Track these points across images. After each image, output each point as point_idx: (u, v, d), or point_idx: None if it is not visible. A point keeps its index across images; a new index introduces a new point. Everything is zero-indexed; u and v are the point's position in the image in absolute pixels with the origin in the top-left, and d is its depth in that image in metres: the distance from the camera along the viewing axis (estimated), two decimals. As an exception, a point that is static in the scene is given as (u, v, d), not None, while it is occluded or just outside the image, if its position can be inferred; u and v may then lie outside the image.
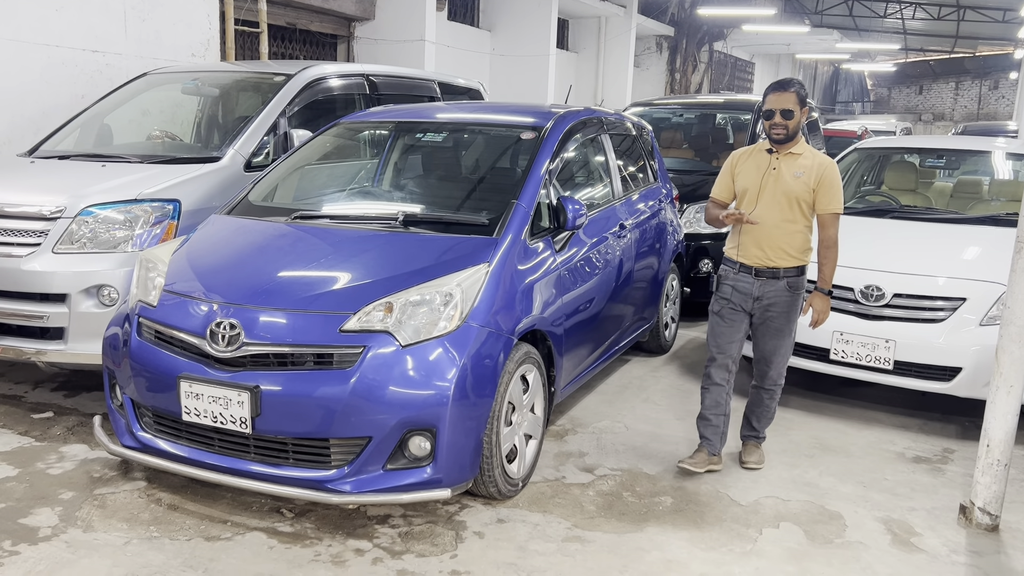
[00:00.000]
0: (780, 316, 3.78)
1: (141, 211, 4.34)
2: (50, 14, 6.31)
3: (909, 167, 6.42)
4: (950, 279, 4.51)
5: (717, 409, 3.89)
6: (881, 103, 39.02)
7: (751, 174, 3.77)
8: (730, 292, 3.82)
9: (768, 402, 3.96)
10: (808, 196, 3.68)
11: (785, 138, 3.66)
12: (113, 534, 3.16)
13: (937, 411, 4.85)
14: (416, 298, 3.22)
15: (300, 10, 10.44)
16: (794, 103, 3.63)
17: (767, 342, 3.85)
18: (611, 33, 17.57)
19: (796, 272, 3.75)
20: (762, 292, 3.75)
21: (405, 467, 3.13)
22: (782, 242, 3.70)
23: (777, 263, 3.72)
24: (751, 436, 4.06)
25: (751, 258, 3.76)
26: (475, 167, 4.61)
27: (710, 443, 3.90)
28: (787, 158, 3.70)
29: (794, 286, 3.76)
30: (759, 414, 4.00)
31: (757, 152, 3.81)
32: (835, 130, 14.22)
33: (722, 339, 3.85)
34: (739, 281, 3.79)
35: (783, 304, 3.77)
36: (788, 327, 3.82)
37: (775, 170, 3.71)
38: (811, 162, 3.69)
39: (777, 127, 3.66)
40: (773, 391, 3.95)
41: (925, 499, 3.74)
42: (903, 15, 24.83)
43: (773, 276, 3.73)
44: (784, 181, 3.68)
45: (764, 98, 3.73)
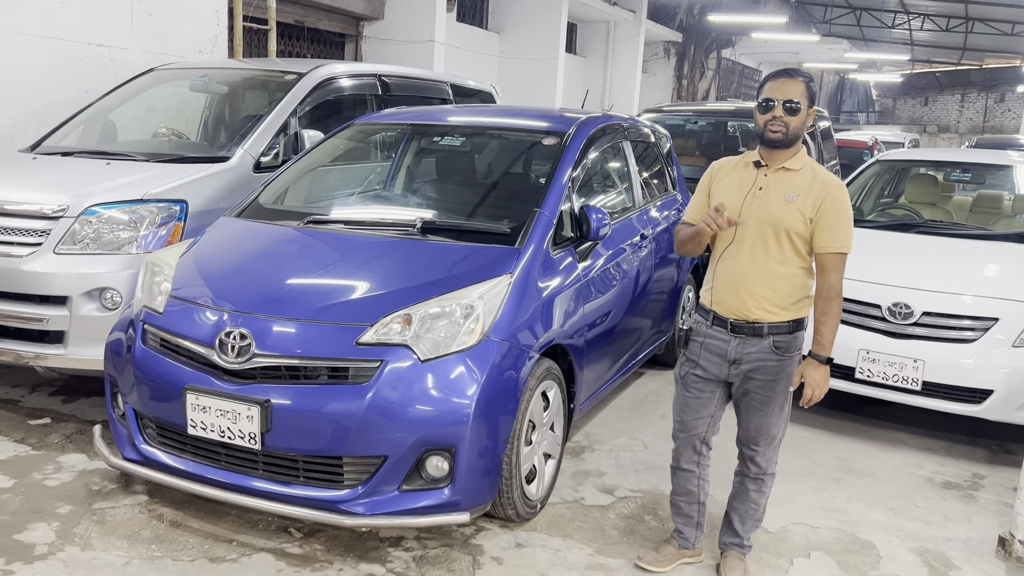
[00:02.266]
0: (764, 387, 2.87)
1: (147, 211, 4.18)
2: (56, 7, 6.15)
3: (930, 180, 6.28)
4: (982, 298, 4.36)
5: (689, 497, 3.10)
6: (886, 114, 38.94)
7: (730, 193, 2.85)
8: (698, 352, 2.93)
9: (755, 496, 3.04)
10: (803, 227, 2.75)
11: (783, 141, 2.75)
12: (113, 553, 3.00)
13: (962, 433, 4.70)
14: (436, 310, 3.06)
15: (309, 8, 10.30)
16: (802, 95, 2.74)
17: (750, 419, 2.95)
18: (620, 38, 17.45)
19: (787, 328, 2.84)
20: (740, 354, 2.85)
21: (422, 488, 2.97)
22: (766, 288, 2.79)
23: (759, 316, 2.81)
24: (733, 544, 3.11)
25: (725, 307, 2.85)
26: (495, 173, 4.46)
27: (681, 536, 3.14)
28: (778, 175, 2.80)
29: (783, 347, 2.84)
30: (743, 512, 3.07)
31: (742, 166, 2.90)
32: (846, 140, 14.09)
33: (687, 414, 3.00)
34: (711, 338, 2.90)
35: (769, 371, 2.85)
36: (776, 400, 2.88)
37: (761, 190, 2.79)
38: (809, 182, 2.77)
39: (776, 123, 2.73)
40: (761, 482, 3.02)
41: (959, 528, 3.59)
42: (911, 26, 24.73)
43: (754, 333, 2.82)
44: (771, 206, 2.77)
45: (761, 86, 2.82)
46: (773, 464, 3.03)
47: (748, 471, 3.04)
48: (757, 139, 2.86)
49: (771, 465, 3.03)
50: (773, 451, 3.01)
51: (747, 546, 3.14)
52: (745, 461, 3.05)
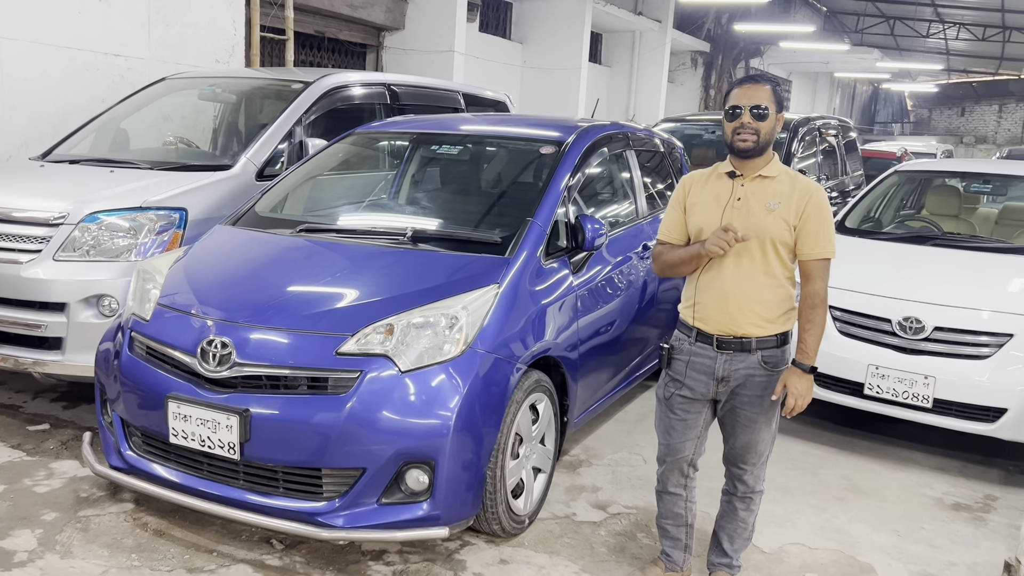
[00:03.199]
0: (753, 402, 2.79)
1: (146, 219, 4.19)
2: (73, 17, 6.24)
3: (952, 192, 6.12)
4: (997, 313, 4.21)
5: (676, 520, 3.00)
6: (921, 124, 38.31)
7: (708, 208, 2.76)
8: (683, 372, 2.82)
9: (743, 515, 2.95)
10: (787, 235, 2.68)
11: (754, 148, 2.66)
12: (92, 561, 2.99)
13: (977, 453, 4.54)
14: (419, 320, 3.02)
15: (329, 18, 10.36)
16: (769, 99, 2.65)
17: (738, 437, 2.86)
18: (645, 48, 17.35)
19: (775, 342, 2.76)
20: (728, 371, 2.76)
21: (401, 502, 2.91)
22: (754, 302, 2.71)
23: (747, 331, 2.73)
24: (721, 565, 3.03)
25: (712, 323, 2.76)
26: (491, 182, 4.41)
27: (669, 559, 3.04)
28: (755, 184, 2.72)
29: (772, 362, 2.76)
30: (731, 532, 2.99)
31: (715, 178, 2.80)
32: (873, 151, 13.86)
33: (673, 436, 2.89)
34: (696, 356, 2.80)
35: (757, 386, 2.77)
36: (765, 417, 2.81)
37: (740, 201, 2.71)
38: (789, 188, 2.70)
39: (744, 131, 2.64)
40: (749, 500, 2.93)
41: (965, 552, 3.45)
42: (946, 35, 24.32)
43: (742, 348, 2.74)
44: (754, 217, 2.68)
45: (726, 96, 2.74)
46: (761, 482, 2.95)
47: (736, 490, 2.95)
48: (727, 149, 2.76)
49: (759, 483, 2.94)
50: (761, 468, 2.92)
51: (736, 566, 3.05)
52: (733, 480, 2.95)
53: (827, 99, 29.68)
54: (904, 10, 22.65)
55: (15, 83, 5.93)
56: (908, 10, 22.55)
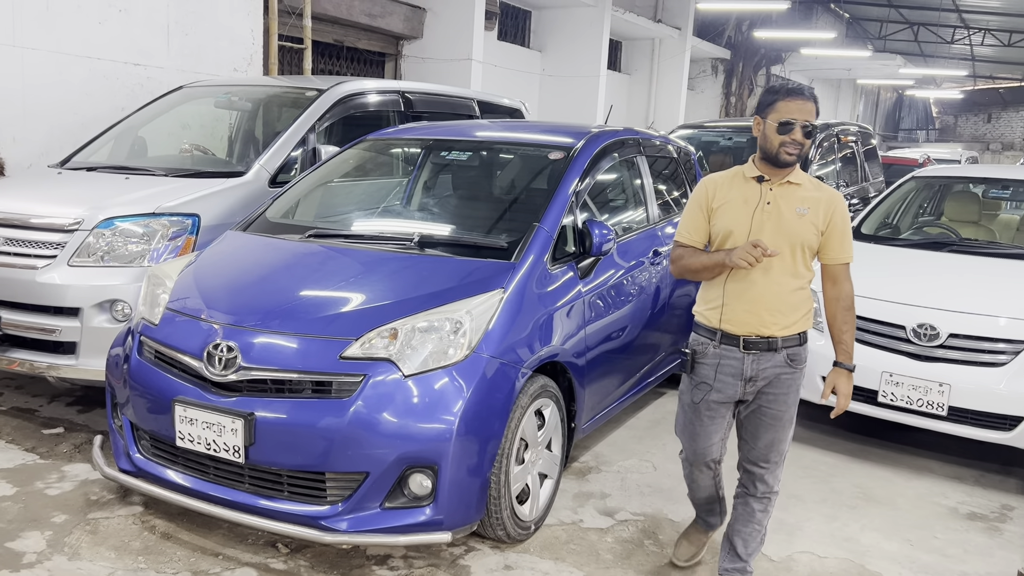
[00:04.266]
0: (777, 401, 2.83)
1: (159, 225, 4.24)
2: (93, 27, 6.33)
3: (971, 198, 6.04)
4: (1014, 320, 4.15)
5: (709, 500, 3.15)
6: (947, 131, 37.89)
7: (736, 210, 2.79)
8: (712, 375, 2.83)
9: (760, 516, 2.96)
10: (815, 240, 2.77)
11: (796, 162, 2.75)
12: (99, 563, 3.01)
13: (995, 461, 4.47)
14: (423, 324, 3.02)
15: (348, 27, 10.44)
16: (815, 118, 2.73)
17: (761, 436, 2.88)
18: (665, 55, 17.31)
19: (797, 341, 2.82)
20: (756, 371, 2.79)
21: (404, 506, 2.92)
22: (783, 304, 2.76)
23: (773, 331, 2.77)
24: (735, 571, 2.99)
25: (739, 325, 2.78)
26: (500, 188, 4.41)
27: (706, 523, 3.24)
28: (784, 189, 2.77)
29: (795, 359, 2.82)
30: (746, 535, 2.97)
31: (740, 180, 2.83)
32: (895, 157, 13.73)
33: (699, 441, 2.94)
34: (724, 358, 2.81)
35: (783, 383, 2.82)
36: (787, 414, 2.86)
37: (770, 205, 2.75)
38: (816, 195, 2.78)
39: (792, 145, 2.69)
40: (767, 501, 2.95)
41: (979, 563, 3.39)
42: (971, 41, 24.04)
43: (769, 348, 2.78)
44: (785, 221, 2.74)
45: (772, 104, 2.73)
46: (778, 482, 2.97)
47: (755, 491, 2.95)
48: (760, 153, 2.79)
49: (777, 483, 2.96)
50: (780, 468, 2.96)
51: (749, 572, 3.02)
52: (752, 481, 2.96)
53: (850, 106, 29.45)
54: (928, 16, 22.41)
55: (36, 92, 6.03)
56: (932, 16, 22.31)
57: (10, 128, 5.92)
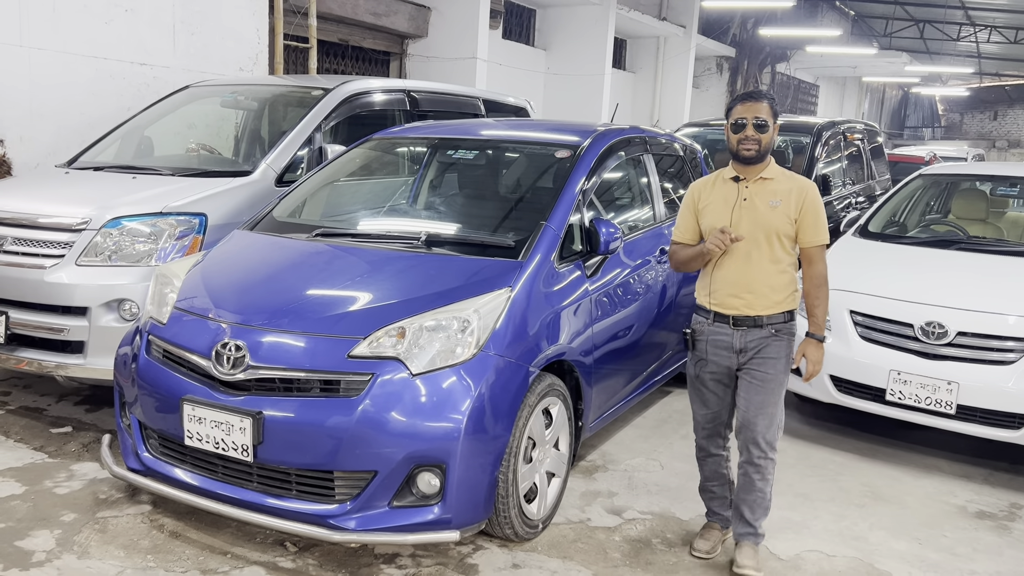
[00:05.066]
0: (765, 364, 3.10)
1: (166, 224, 4.25)
2: (99, 27, 6.35)
3: (979, 195, 6.02)
4: (1022, 318, 4.14)
5: (720, 479, 3.35)
6: (953, 129, 37.77)
7: (718, 209, 3.12)
8: (706, 350, 3.19)
9: (760, 484, 3.14)
10: (789, 228, 3.06)
11: (757, 156, 3.03)
12: (108, 562, 3.02)
13: (1004, 460, 4.45)
14: (431, 323, 3.02)
15: (353, 27, 10.44)
16: (768, 114, 3.03)
17: (751, 398, 3.11)
18: (670, 53, 17.28)
19: (783, 319, 3.11)
20: (744, 343, 3.10)
21: (412, 505, 2.92)
22: (764, 287, 3.07)
23: (759, 311, 3.08)
24: (747, 534, 3.20)
25: (728, 306, 3.11)
26: (507, 186, 4.41)
27: (719, 517, 3.38)
28: (758, 185, 3.09)
29: (781, 331, 3.12)
30: (751, 502, 3.17)
31: (721, 182, 3.17)
32: (901, 155, 13.69)
33: (711, 406, 3.25)
34: (716, 334, 3.15)
35: (770, 350, 3.10)
36: (776, 378, 3.10)
37: (746, 201, 3.08)
38: (787, 186, 3.08)
39: (748, 141, 3.01)
40: (762, 468, 3.13)
41: (988, 562, 3.38)
42: (977, 38, 23.95)
43: (755, 325, 3.09)
44: (760, 214, 3.05)
45: (729, 110, 3.12)
46: (773, 448, 3.15)
47: (751, 456, 3.14)
48: (731, 157, 3.15)
49: (771, 449, 3.14)
50: (773, 433, 3.13)
51: (760, 534, 3.22)
52: (748, 447, 3.15)
53: (855, 104, 29.36)
54: (934, 13, 22.35)
55: (43, 92, 6.04)
56: (938, 13, 22.25)
57: (17, 128, 5.94)
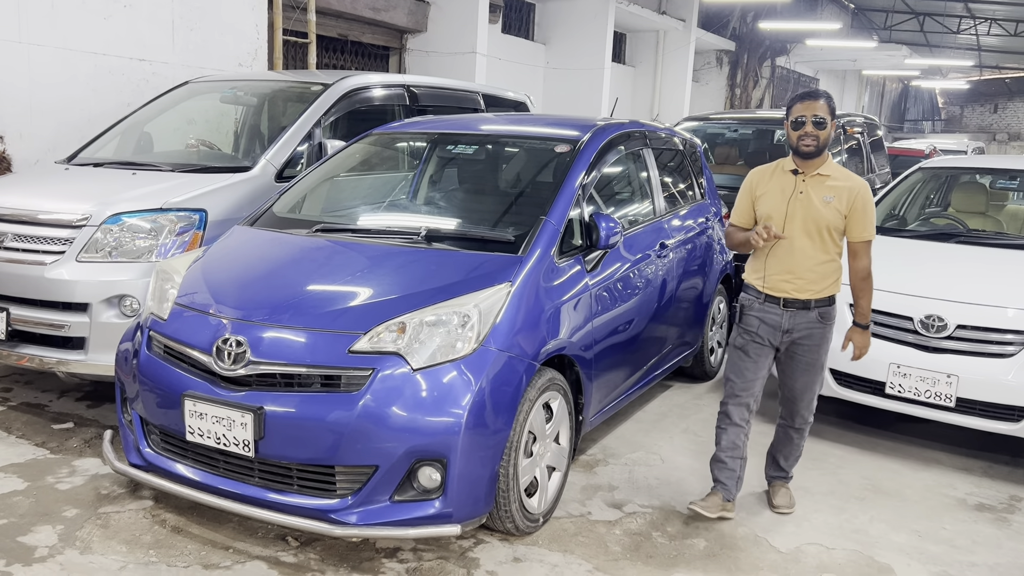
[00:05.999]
0: (812, 350, 3.47)
1: (167, 220, 4.25)
2: (98, 23, 6.34)
3: (978, 188, 6.02)
4: (1021, 311, 4.14)
5: (734, 452, 3.54)
6: (953, 122, 37.73)
7: (775, 198, 3.40)
8: (757, 325, 3.47)
9: (798, 441, 3.67)
10: (840, 223, 3.35)
11: (815, 151, 3.30)
12: (110, 557, 3.03)
13: (1004, 453, 4.46)
14: (432, 318, 3.03)
15: (352, 22, 10.43)
16: (826, 112, 3.29)
17: (797, 378, 3.53)
18: (669, 47, 17.25)
19: (827, 302, 3.44)
20: (792, 324, 3.43)
21: (413, 499, 2.93)
22: (813, 273, 3.38)
23: (809, 295, 3.40)
24: (779, 476, 3.72)
25: (779, 290, 3.42)
26: (507, 181, 4.41)
27: (725, 488, 3.54)
28: (815, 180, 3.36)
29: (826, 316, 3.45)
30: (787, 453, 3.70)
31: (780, 172, 3.44)
32: (901, 148, 13.67)
33: (746, 376, 3.50)
34: (766, 313, 3.46)
35: (816, 336, 3.45)
36: (819, 361, 3.51)
37: (802, 194, 3.35)
38: (842, 184, 3.35)
39: (807, 138, 3.28)
40: (803, 429, 3.65)
41: (987, 554, 3.39)
42: (977, 31, 23.91)
43: (804, 307, 3.42)
44: (814, 208, 3.33)
45: (789, 108, 3.36)
46: (812, 415, 3.64)
47: (793, 422, 3.63)
48: (791, 152, 3.41)
49: (811, 416, 3.63)
50: (814, 404, 3.61)
51: (790, 476, 3.74)
52: (791, 415, 3.63)
53: (855, 97, 29.32)
54: (934, 6, 22.31)
55: (42, 88, 6.04)
56: (938, 6, 22.21)
57: (17, 124, 5.94)
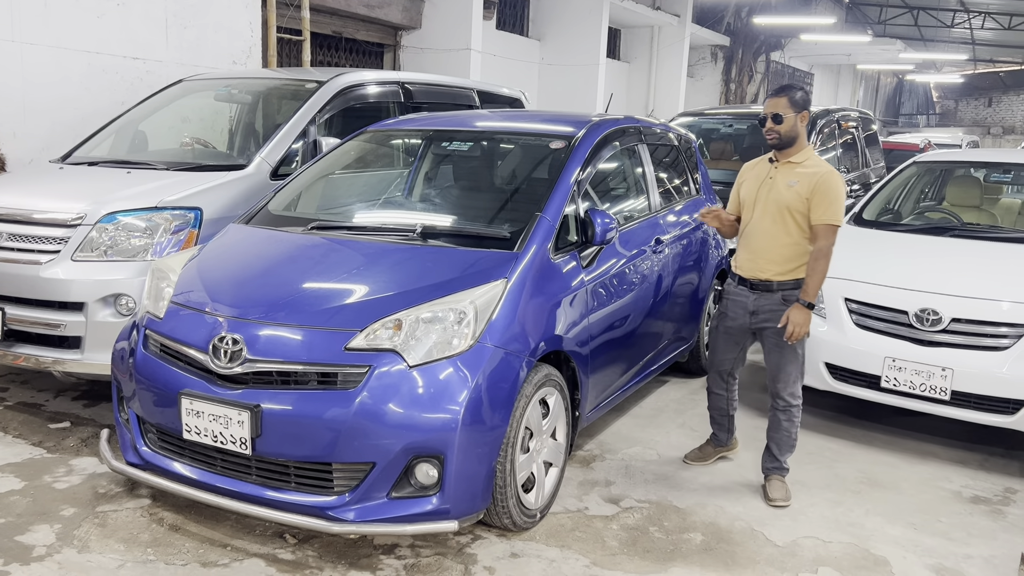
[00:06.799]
0: (777, 332, 3.62)
1: (162, 219, 4.25)
2: (91, 21, 6.33)
3: (973, 182, 6.03)
4: (1016, 304, 4.16)
5: (720, 412, 4.01)
6: (947, 116, 37.78)
7: (750, 185, 3.72)
8: (728, 305, 3.79)
9: (785, 424, 3.74)
10: (801, 206, 3.53)
11: (779, 143, 3.58)
12: (108, 556, 3.03)
13: (1000, 445, 4.48)
14: (427, 315, 3.03)
15: (346, 19, 10.41)
16: (785, 107, 3.53)
17: (770, 357, 3.72)
18: (664, 42, 17.26)
19: (792, 285, 3.60)
20: (757, 306, 3.66)
21: (411, 496, 2.93)
22: (774, 254, 3.59)
23: (770, 276, 3.61)
24: (773, 468, 3.81)
25: (745, 270, 3.70)
26: (502, 178, 4.41)
27: (716, 438, 4.07)
28: (785, 167, 3.61)
29: (789, 300, 3.60)
30: (778, 440, 3.78)
31: (761, 162, 3.76)
32: (896, 143, 13.71)
33: (717, 354, 3.87)
34: (736, 295, 3.74)
35: (779, 319, 3.60)
36: (791, 345, 3.62)
37: (771, 179, 3.63)
38: (808, 171, 3.56)
39: (769, 132, 3.58)
40: (789, 412, 3.73)
41: (983, 545, 3.41)
42: (971, 25, 23.94)
43: (767, 289, 3.63)
44: (777, 191, 3.58)
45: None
46: (797, 397, 3.72)
47: (777, 404, 3.74)
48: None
49: (795, 398, 3.71)
50: (793, 385, 3.69)
51: (785, 468, 3.81)
52: (773, 396, 3.75)
53: (850, 91, 29.36)
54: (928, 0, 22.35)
55: (36, 88, 6.02)
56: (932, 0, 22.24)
57: (10, 124, 5.92)
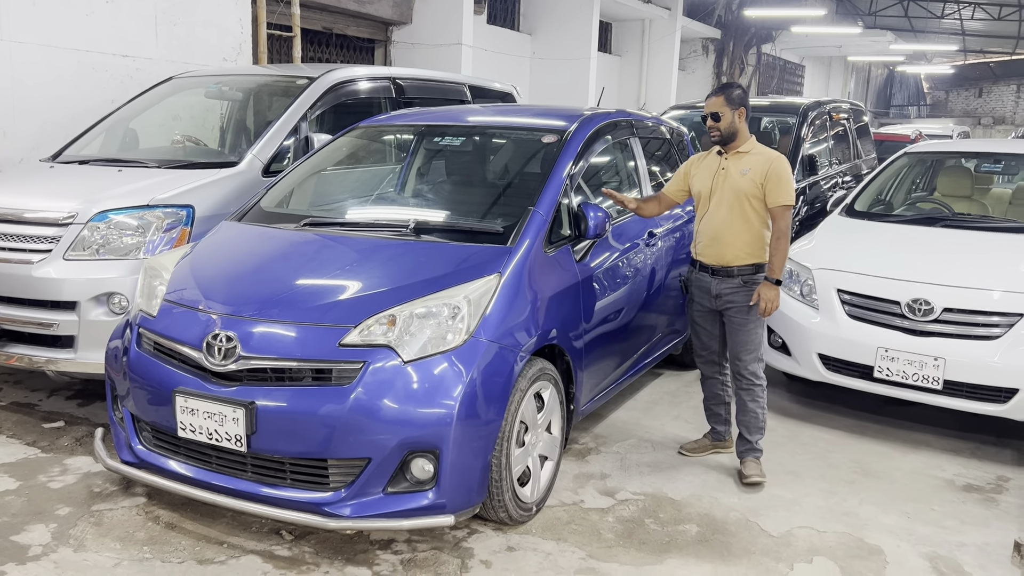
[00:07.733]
0: (739, 311, 3.77)
1: (153, 217, 4.24)
2: (80, 19, 6.29)
3: (963, 172, 6.06)
4: (1007, 293, 4.18)
5: (716, 399, 4.07)
6: (938, 106, 37.84)
7: (704, 177, 3.83)
8: (693, 292, 3.95)
9: (751, 406, 3.84)
10: (757, 192, 3.67)
11: (720, 139, 3.74)
12: (104, 554, 3.03)
13: (991, 434, 4.51)
14: (422, 311, 3.04)
15: (336, 14, 10.38)
16: (721, 105, 3.70)
17: (733, 337, 3.84)
18: (655, 36, 17.23)
19: (752, 270, 3.74)
20: (719, 290, 3.79)
21: (407, 491, 2.94)
22: (733, 240, 3.72)
23: (730, 261, 3.74)
24: (747, 451, 3.90)
25: (706, 256, 3.82)
26: (494, 172, 4.41)
27: (715, 432, 4.12)
28: (735, 157, 3.75)
29: (749, 283, 3.75)
30: (747, 423, 3.87)
31: (711, 156, 3.88)
32: (887, 134, 13.74)
33: (702, 338, 4.00)
34: (699, 281, 3.88)
35: (740, 300, 3.76)
36: (749, 323, 3.77)
37: (724, 170, 3.76)
38: (758, 158, 3.72)
39: (711, 130, 3.76)
40: (752, 392, 3.83)
41: (976, 533, 3.43)
42: (961, 15, 23.98)
43: (727, 274, 3.76)
44: (732, 179, 3.72)
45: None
46: (758, 376, 3.83)
47: (741, 384, 3.85)
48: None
49: (757, 377, 3.83)
50: (756, 364, 3.82)
51: (758, 449, 3.89)
52: (736, 376, 3.87)
53: (841, 83, 29.37)
54: (918, -9, 22.38)
55: (25, 87, 5.99)
56: (922, -9, 22.27)
57: (0, 122, 5.89)
